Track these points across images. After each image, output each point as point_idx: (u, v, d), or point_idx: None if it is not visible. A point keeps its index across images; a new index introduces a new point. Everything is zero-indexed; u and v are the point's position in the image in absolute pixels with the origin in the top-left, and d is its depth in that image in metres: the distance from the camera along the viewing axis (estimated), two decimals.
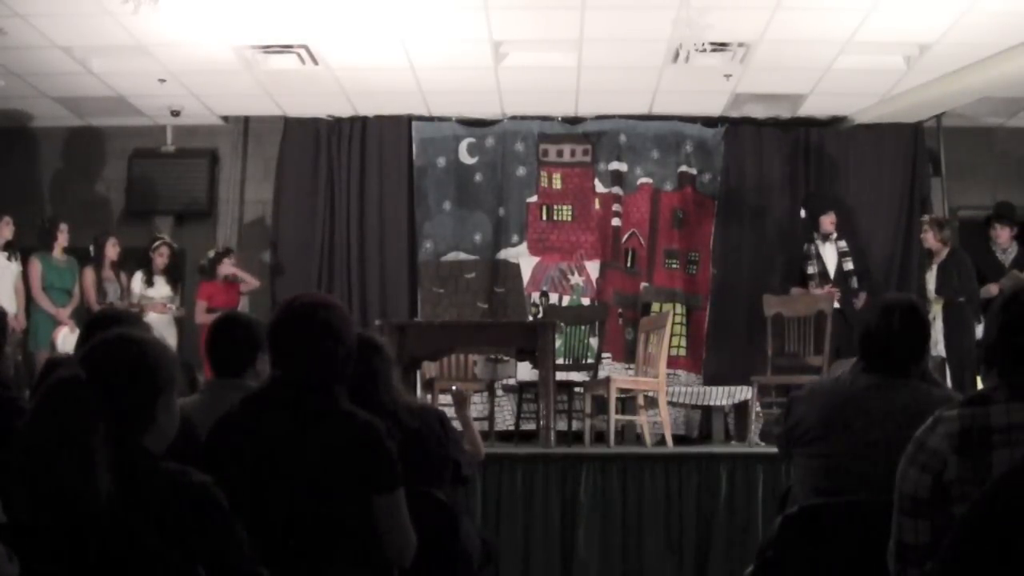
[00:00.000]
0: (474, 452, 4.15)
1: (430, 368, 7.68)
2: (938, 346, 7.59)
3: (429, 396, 7.37)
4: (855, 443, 2.86)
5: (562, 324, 7.63)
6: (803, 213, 8.65)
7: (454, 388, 7.24)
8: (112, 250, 8.17)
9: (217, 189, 9.44)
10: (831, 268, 8.17)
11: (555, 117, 9.26)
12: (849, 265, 8.16)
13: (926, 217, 8.13)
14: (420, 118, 9.26)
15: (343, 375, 2.70)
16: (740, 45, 7.50)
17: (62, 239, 7.99)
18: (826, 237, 8.23)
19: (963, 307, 7.62)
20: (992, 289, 7.39)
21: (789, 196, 9.14)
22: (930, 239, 7.84)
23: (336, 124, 9.32)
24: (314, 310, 2.70)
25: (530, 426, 7.40)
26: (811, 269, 8.27)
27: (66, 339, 7.54)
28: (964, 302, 7.61)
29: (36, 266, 7.84)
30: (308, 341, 2.64)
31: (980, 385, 7.12)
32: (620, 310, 9.07)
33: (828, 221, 8.25)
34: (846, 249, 8.21)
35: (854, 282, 8.11)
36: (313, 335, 2.65)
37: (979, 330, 7.71)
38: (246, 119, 9.44)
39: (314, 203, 9.23)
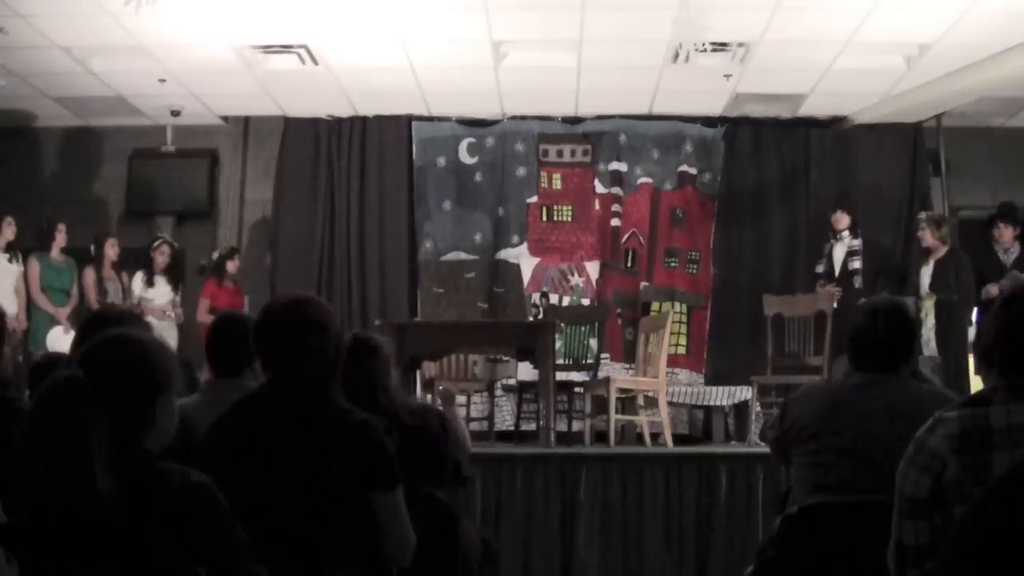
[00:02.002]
0: None
1: (430, 368, 7.68)
2: (930, 344, 7.59)
3: (429, 396, 7.38)
4: (848, 439, 2.89)
5: (562, 324, 7.64)
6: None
7: (441, 387, 7.28)
8: (112, 250, 8.17)
9: (217, 189, 9.44)
10: (838, 267, 8.18)
11: (555, 117, 9.25)
12: (855, 264, 8.15)
13: (923, 215, 8.12)
14: (420, 118, 9.26)
15: (334, 369, 2.70)
16: (740, 45, 7.50)
17: (60, 239, 7.99)
18: (836, 236, 8.24)
19: (956, 305, 7.62)
20: (992, 290, 7.39)
21: (789, 196, 9.15)
22: (928, 237, 7.84)
23: (336, 124, 9.32)
24: (293, 307, 2.70)
25: (530, 426, 7.40)
26: (820, 268, 8.30)
27: (58, 339, 7.53)
28: (957, 300, 7.62)
29: (34, 266, 7.84)
30: (293, 339, 2.64)
31: (973, 384, 7.08)
32: (619, 310, 9.07)
33: (836, 220, 8.26)
34: (857, 248, 8.19)
35: (857, 281, 8.10)
36: (297, 332, 2.64)
37: (971, 331, 7.73)
38: (246, 119, 9.44)
39: (314, 203, 9.23)
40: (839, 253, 8.23)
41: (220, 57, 7.74)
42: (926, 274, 7.84)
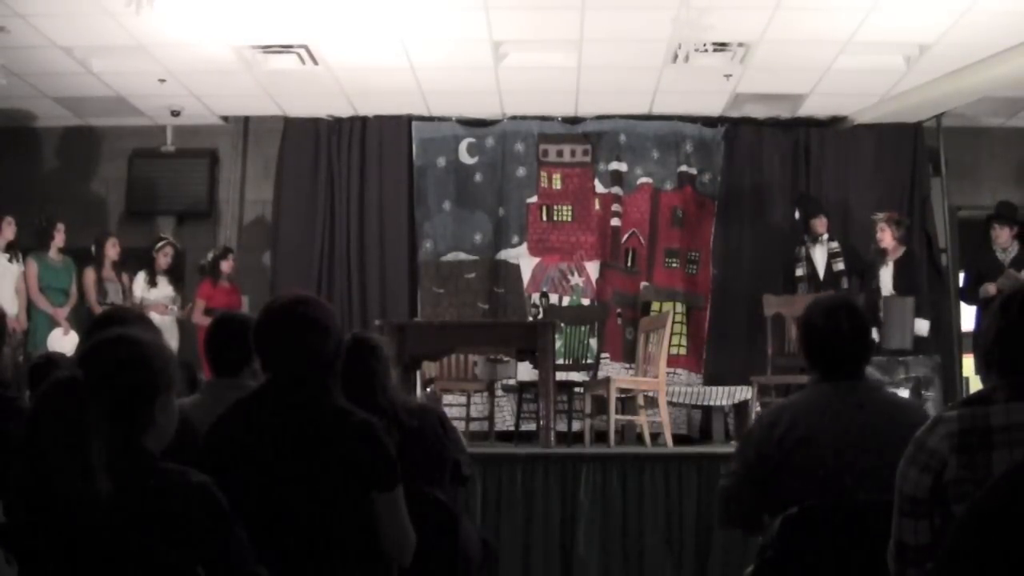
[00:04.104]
0: None
1: (430, 368, 7.68)
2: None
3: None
4: (834, 460, 2.75)
5: (562, 324, 7.64)
6: (796, 214, 8.63)
7: (428, 389, 7.30)
8: (112, 250, 8.16)
9: (217, 189, 9.44)
10: (821, 270, 8.18)
11: (555, 117, 9.26)
12: (839, 265, 8.16)
13: (882, 215, 8.09)
14: (420, 118, 9.26)
15: (333, 368, 2.70)
16: (740, 45, 7.50)
17: (59, 239, 7.98)
18: (816, 239, 8.24)
19: (907, 304, 7.69)
20: (990, 289, 7.39)
21: (789, 196, 9.14)
22: (888, 238, 7.86)
23: (336, 124, 9.32)
24: (293, 307, 2.71)
25: (530, 426, 7.40)
26: (800, 271, 8.27)
27: (58, 341, 7.53)
28: (912, 300, 7.71)
29: (32, 266, 7.83)
30: (292, 338, 2.65)
31: (968, 382, 7.01)
32: (619, 310, 9.07)
33: (820, 224, 8.25)
34: (837, 250, 8.21)
35: (844, 282, 8.11)
36: (296, 331, 2.65)
37: (917, 324, 7.70)
38: (246, 119, 9.44)
39: (314, 203, 9.23)
40: (820, 256, 8.22)
41: (220, 57, 7.74)
42: (886, 275, 7.86)
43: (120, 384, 2.09)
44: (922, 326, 7.73)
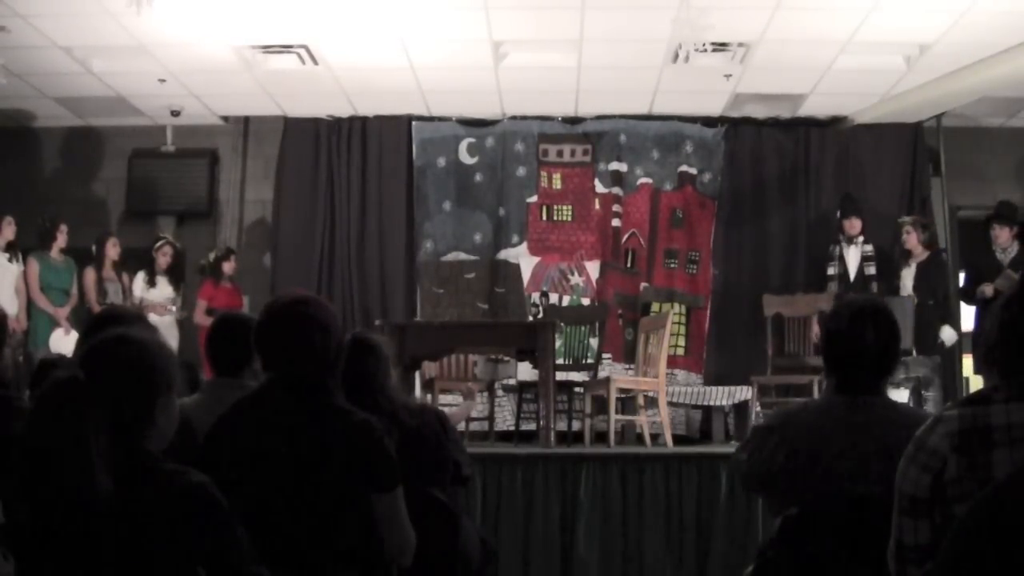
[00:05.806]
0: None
1: (430, 368, 7.68)
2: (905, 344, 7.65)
3: (429, 396, 7.38)
4: (843, 480, 2.68)
5: (562, 324, 7.64)
6: (839, 214, 8.61)
7: (469, 384, 7.27)
8: (112, 250, 8.17)
9: (217, 189, 9.44)
10: (852, 271, 8.19)
11: (555, 117, 9.26)
12: (871, 269, 8.17)
13: (908, 218, 8.15)
14: (420, 118, 9.26)
15: (334, 368, 2.70)
16: (740, 45, 7.50)
17: (61, 239, 7.98)
18: (851, 240, 8.25)
19: (932, 308, 7.71)
20: (987, 290, 7.40)
21: (789, 196, 9.15)
22: (913, 240, 7.89)
23: (336, 124, 9.32)
24: (294, 306, 2.72)
25: (530, 426, 7.40)
26: (831, 270, 8.30)
27: (59, 341, 7.53)
28: (932, 304, 7.73)
29: (33, 266, 7.84)
30: (294, 337, 2.65)
31: (968, 384, 7.02)
32: (620, 310, 9.07)
33: (851, 225, 8.26)
34: (871, 253, 8.22)
35: (874, 286, 8.11)
36: (297, 330, 2.66)
37: (944, 331, 7.77)
38: (246, 119, 9.44)
39: (314, 203, 9.23)
40: (852, 257, 8.23)
41: (220, 57, 7.74)
42: (908, 276, 7.89)
43: (121, 384, 2.09)
44: (948, 334, 7.72)
